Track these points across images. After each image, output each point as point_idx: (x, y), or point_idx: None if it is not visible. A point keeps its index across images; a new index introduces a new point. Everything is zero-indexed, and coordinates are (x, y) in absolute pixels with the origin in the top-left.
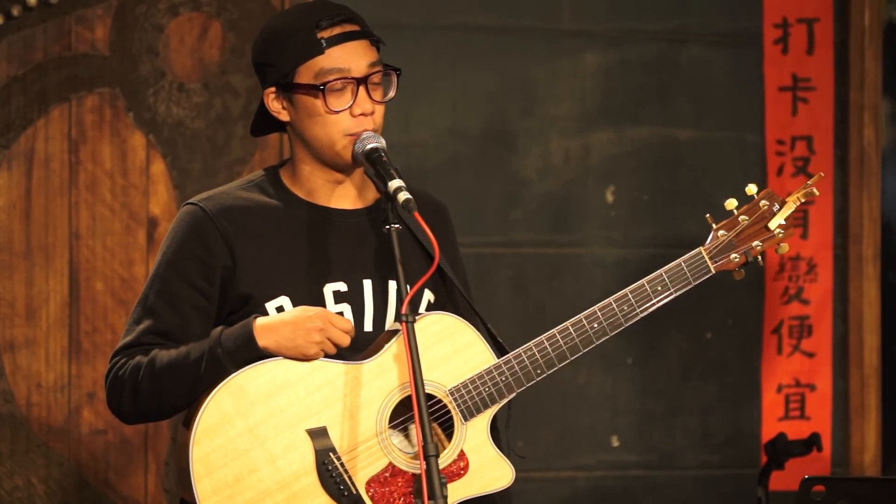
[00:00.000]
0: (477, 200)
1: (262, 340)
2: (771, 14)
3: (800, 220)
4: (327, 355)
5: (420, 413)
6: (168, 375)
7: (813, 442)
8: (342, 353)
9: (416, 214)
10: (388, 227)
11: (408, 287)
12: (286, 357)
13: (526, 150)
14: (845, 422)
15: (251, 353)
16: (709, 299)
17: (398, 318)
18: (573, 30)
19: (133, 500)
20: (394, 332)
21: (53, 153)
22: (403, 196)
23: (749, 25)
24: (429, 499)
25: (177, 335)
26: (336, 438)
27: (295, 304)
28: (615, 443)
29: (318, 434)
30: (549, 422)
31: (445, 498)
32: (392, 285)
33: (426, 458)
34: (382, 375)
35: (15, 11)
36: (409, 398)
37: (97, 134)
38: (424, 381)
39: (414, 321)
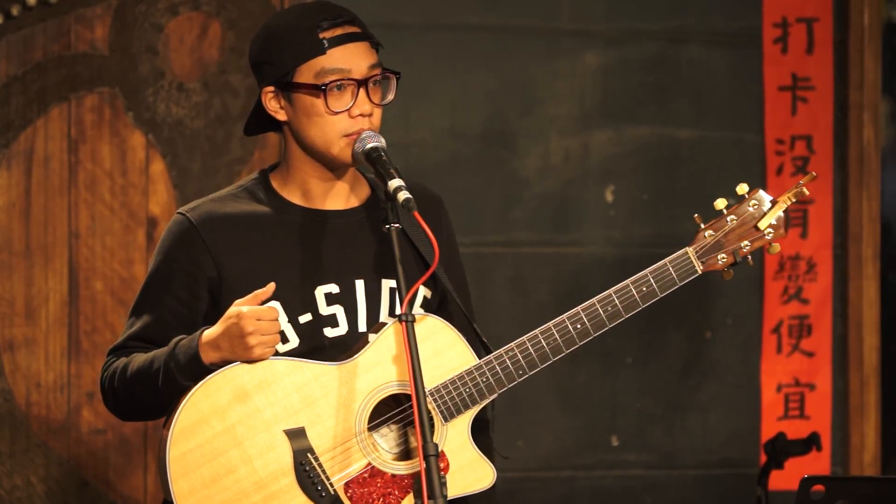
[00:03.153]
0: (476, 200)
1: (207, 357)
2: (770, 14)
3: (799, 219)
4: (308, 351)
5: (420, 413)
6: (135, 383)
7: (812, 441)
8: (332, 355)
9: (416, 214)
10: (388, 226)
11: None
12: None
13: (525, 149)
14: (845, 421)
15: (198, 369)
16: (708, 299)
17: (398, 317)
18: (573, 29)
19: (133, 499)
20: (376, 333)
21: (53, 152)
22: (403, 195)
23: (749, 25)
24: (428, 498)
25: (159, 342)
26: (314, 439)
27: (286, 309)
28: (615, 442)
29: (295, 434)
30: (549, 421)
31: (445, 497)
32: (385, 284)
33: (426, 457)
34: (362, 376)
35: (14, 11)
36: (388, 399)
37: (97, 133)
38: (404, 382)
39: (413, 320)
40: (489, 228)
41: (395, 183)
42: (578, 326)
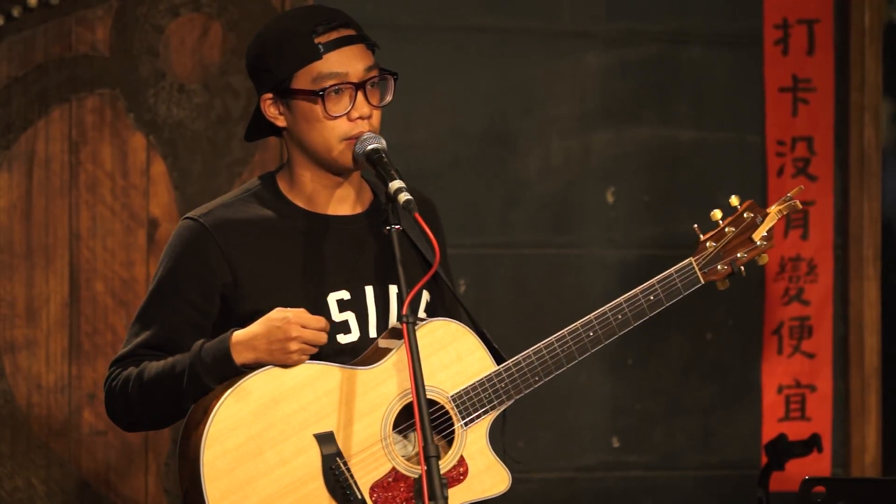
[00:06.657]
0: (477, 201)
1: (240, 357)
2: (771, 15)
3: (800, 220)
4: (320, 358)
5: (420, 413)
6: (154, 388)
7: (813, 443)
8: (343, 362)
9: (417, 215)
10: (388, 227)
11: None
12: None
13: (526, 150)
14: (846, 422)
15: (229, 370)
16: (709, 300)
17: (399, 319)
18: (573, 30)
19: (133, 500)
20: (398, 338)
21: (54, 154)
22: (404, 197)
23: (749, 26)
24: (429, 499)
25: (171, 349)
26: (342, 443)
27: None
28: (615, 443)
29: (324, 439)
30: (550, 422)
31: (446, 499)
32: (392, 289)
33: (426, 458)
34: (387, 380)
35: (15, 12)
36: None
37: (97, 135)
38: (427, 387)
39: (414, 322)
40: (490, 230)
41: (396, 184)
42: (591, 334)
